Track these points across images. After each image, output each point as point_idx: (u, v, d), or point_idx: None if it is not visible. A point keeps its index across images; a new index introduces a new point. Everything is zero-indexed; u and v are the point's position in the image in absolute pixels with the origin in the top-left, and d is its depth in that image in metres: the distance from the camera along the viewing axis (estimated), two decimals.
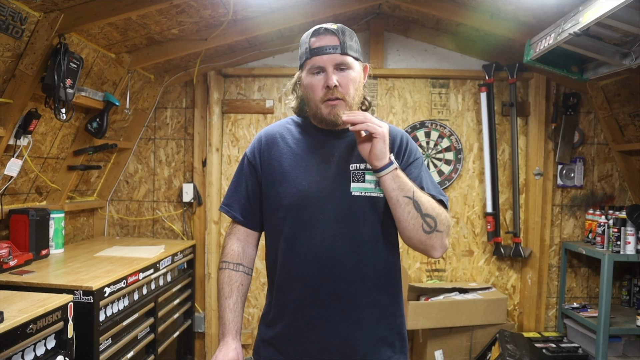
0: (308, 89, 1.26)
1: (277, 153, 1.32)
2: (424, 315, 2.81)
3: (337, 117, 1.23)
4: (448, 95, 3.21)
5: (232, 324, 1.30)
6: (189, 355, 3.11)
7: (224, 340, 1.29)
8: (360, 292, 1.24)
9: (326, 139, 1.31)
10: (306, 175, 1.26)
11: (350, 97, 1.24)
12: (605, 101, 2.97)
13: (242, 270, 1.35)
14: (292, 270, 1.26)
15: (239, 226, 1.38)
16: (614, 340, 2.82)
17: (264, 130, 1.40)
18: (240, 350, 1.30)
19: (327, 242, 1.23)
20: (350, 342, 1.23)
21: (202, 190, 3.22)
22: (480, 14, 2.61)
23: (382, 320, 1.27)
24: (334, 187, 1.24)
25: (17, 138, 2.16)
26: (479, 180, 3.21)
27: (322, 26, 1.26)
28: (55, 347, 1.68)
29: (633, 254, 2.69)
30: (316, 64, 1.24)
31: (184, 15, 2.35)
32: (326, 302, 1.23)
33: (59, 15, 1.95)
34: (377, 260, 1.26)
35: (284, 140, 1.33)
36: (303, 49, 1.28)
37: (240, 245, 1.37)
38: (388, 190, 1.17)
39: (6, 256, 2.06)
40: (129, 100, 2.87)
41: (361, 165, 1.25)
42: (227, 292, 1.32)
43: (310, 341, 1.24)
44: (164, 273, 2.61)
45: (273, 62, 3.22)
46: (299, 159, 1.29)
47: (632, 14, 1.79)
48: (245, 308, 3.22)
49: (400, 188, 1.16)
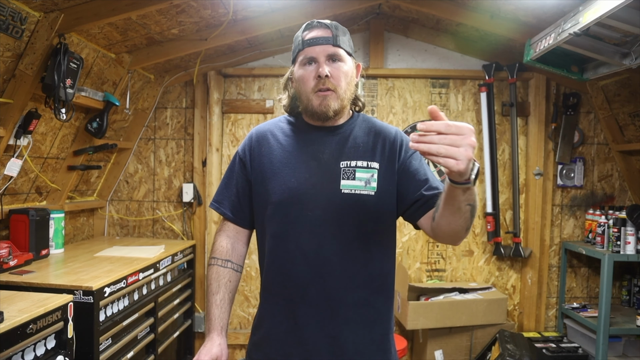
0: (299, 81, 1.26)
1: (267, 150, 1.31)
2: (424, 315, 2.81)
3: (329, 108, 1.23)
4: (448, 95, 3.21)
5: (218, 320, 1.29)
6: (189, 355, 3.10)
7: (209, 336, 1.29)
8: (350, 292, 1.22)
9: (317, 136, 1.29)
10: (295, 172, 1.25)
11: (342, 89, 1.24)
12: (605, 101, 2.97)
13: (230, 266, 1.35)
14: (280, 268, 1.25)
15: (229, 223, 1.37)
16: (614, 340, 2.82)
17: (256, 128, 1.40)
18: (225, 347, 1.29)
19: (316, 240, 1.22)
20: (340, 341, 1.22)
21: (202, 190, 3.22)
22: (480, 14, 2.61)
23: (372, 320, 1.25)
24: (323, 184, 1.23)
25: (17, 138, 2.16)
26: (479, 180, 3.21)
27: (314, 20, 1.27)
28: (55, 347, 1.68)
29: (633, 254, 2.69)
30: (308, 54, 1.24)
31: (184, 15, 2.35)
32: (315, 301, 1.22)
33: (59, 15, 1.95)
34: (367, 259, 1.24)
35: (274, 138, 1.33)
36: (296, 42, 1.29)
37: (229, 241, 1.36)
38: (456, 200, 1.01)
39: (6, 256, 2.06)
40: (129, 100, 2.87)
41: (351, 162, 1.24)
42: (214, 288, 1.32)
43: (299, 340, 1.23)
44: (164, 273, 2.61)
45: (273, 62, 3.22)
46: (289, 156, 1.28)
47: (632, 14, 1.79)
48: (245, 308, 3.24)
49: (467, 198, 1.01)
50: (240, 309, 3.25)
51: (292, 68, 1.31)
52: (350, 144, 1.28)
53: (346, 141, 1.28)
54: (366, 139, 1.29)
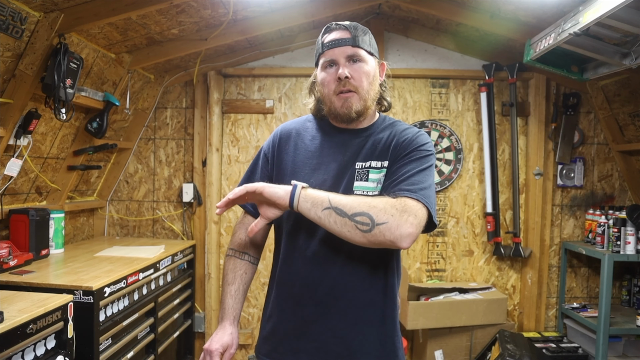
0: (322, 84, 1.27)
1: (291, 148, 1.33)
2: (424, 315, 2.81)
3: (351, 110, 1.23)
4: (448, 95, 3.21)
5: (232, 309, 1.33)
6: (189, 355, 3.11)
7: (221, 324, 1.32)
8: (359, 292, 1.23)
9: (341, 139, 1.30)
10: (314, 173, 1.27)
11: (364, 90, 1.24)
12: (605, 101, 2.97)
13: (247, 259, 1.38)
14: (291, 266, 1.27)
15: (249, 216, 1.40)
16: (614, 340, 2.82)
17: (282, 125, 1.42)
18: (236, 336, 1.33)
19: (327, 241, 1.22)
20: (346, 341, 1.23)
21: (202, 190, 3.22)
22: (480, 14, 2.61)
23: (379, 320, 1.26)
24: (337, 187, 1.24)
25: (17, 138, 2.16)
26: (479, 180, 3.21)
27: (333, 22, 1.27)
28: (55, 347, 1.68)
29: (633, 254, 2.69)
30: (328, 57, 1.24)
31: (184, 15, 2.35)
32: (324, 301, 1.23)
33: (59, 15, 1.95)
34: (377, 261, 1.25)
35: (299, 137, 1.34)
36: (317, 47, 1.29)
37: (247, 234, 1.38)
38: (306, 214, 1.11)
39: (6, 256, 2.06)
40: (129, 100, 2.87)
41: (366, 163, 1.25)
42: (230, 279, 1.35)
43: (307, 338, 1.24)
44: (164, 273, 2.61)
45: (273, 62, 3.22)
46: (311, 156, 1.30)
47: (632, 14, 1.79)
48: (245, 308, 3.24)
49: (314, 204, 1.10)
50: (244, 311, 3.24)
51: (316, 72, 1.32)
52: (369, 145, 1.28)
53: (366, 143, 1.28)
54: (385, 139, 1.28)
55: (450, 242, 3.23)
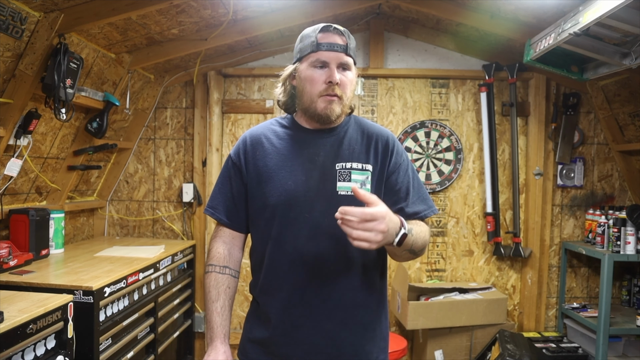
0: (306, 81, 1.26)
1: (262, 153, 1.31)
2: (424, 315, 2.81)
3: (332, 113, 1.24)
4: (448, 95, 3.21)
5: (220, 327, 1.28)
6: (189, 355, 3.11)
7: (212, 344, 1.27)
8: (347, 293, 1.24)
9: (311, 138, 1.30)
10: (292, 175, 1.26)
11: (347, 97, 1.27)
12: (605, 101, 2.97)
13: (228, 273, 1.33)
14: (278, 271, 1.25)
15: (225, 228, 1.36)
16: (614, 340, 2.82)
17: (248, 131, 1.38)
18: (230, 354, 1.28)
19: (314, 242, 1.22)
20: (337, 343, 1.23)
21: (202, 190, 3.22)
22: (480, 14, 2.61)
23: (369, 321, 1.27)
24: (320, 187, 1.24)
25: (17, 138, 2.16)
26: (479, 180, 3.21)
27: (330, 24, 1.27)
28: (55, 347, 1.68)
29: (633, 254, 2.69)
30: (322, 58, 1.24)
31: (184, 15, 2.35)
32: (312, 303, 1.23)
33: (59, 15, 1.95)
34: (364, 260, 1.25)
35: (268, 141, 1.32)
36: (307, 41, 1.26)
37: (226, 247, 1.35)
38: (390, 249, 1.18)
39: (6, 256, 2.06)
40: (129, 100, 2.87)
41: (347, 164, 1.26)
42: (214, 296, 1.30)
43: (297, 342, 1.23)
44: (164, 273, 2.61)
45: (273, 62, 3.22)
46: (284, 159, 1.29)
47: (632, 14, 1.79)
48: (245, 308, 3.24)
49: (401, 249, 1.14)
50: (240, 309, 3.24)
51: (297, 65, 1.29)
52: (345, 146, 1.29)
53: (341, 143, 1.29)
54: (360, 140, 1.31)
55: (450, 242, 3.23)
